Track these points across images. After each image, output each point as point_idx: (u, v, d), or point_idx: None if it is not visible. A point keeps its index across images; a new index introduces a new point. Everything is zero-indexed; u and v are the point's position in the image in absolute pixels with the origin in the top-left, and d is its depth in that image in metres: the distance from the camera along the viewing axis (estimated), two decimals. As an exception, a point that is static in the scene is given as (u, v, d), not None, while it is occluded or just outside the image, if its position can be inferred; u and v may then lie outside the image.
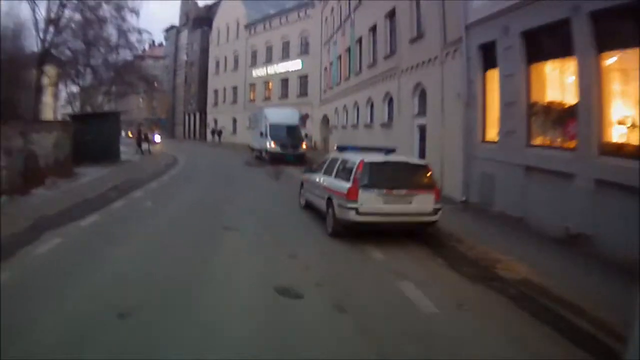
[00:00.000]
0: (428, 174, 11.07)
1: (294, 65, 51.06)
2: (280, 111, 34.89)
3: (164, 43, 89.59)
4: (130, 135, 59.37)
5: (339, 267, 8.91)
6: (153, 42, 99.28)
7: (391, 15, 23.44)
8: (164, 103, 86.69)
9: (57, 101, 49.30)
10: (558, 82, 11.68)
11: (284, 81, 52.99)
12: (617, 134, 9.46)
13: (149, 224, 11.89)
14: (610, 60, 9.51)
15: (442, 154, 17.16)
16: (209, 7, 74.57)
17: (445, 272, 8.82)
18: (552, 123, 11.60)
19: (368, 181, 10.45)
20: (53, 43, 35.77)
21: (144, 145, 38.46)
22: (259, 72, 57.64)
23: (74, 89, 45.45)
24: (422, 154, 19.70)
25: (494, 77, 14.11)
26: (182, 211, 13.85)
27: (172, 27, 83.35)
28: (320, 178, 12.65)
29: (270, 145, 30.30)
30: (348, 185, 10.63)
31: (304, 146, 30.69)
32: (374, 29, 26.62)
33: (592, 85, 9.66)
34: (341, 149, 12.97)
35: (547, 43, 11.63)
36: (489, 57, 14.24)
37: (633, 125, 8.89)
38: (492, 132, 14.44)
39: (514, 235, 11.15)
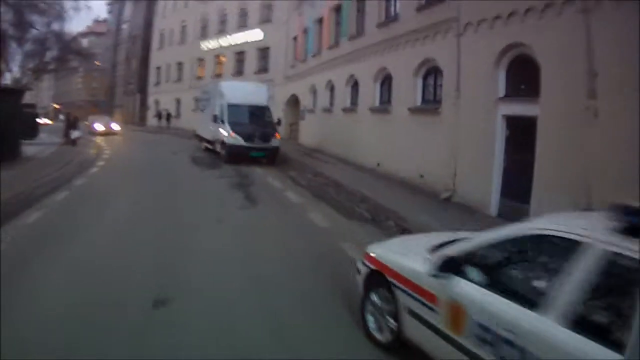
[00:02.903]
0: None
1: (253, 35, 39.97)
2: (242, 86, 23.96)
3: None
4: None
5: None
6: (99, 18, 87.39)
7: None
8: (105, 83, 74.80)
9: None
10: None
11: (240, 55, 41.97)
12: None
13: None
14: None
15: (588, 179, 8.03)
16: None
17: None
18: None
19: None
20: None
21: (74, 133, 28.12)
22: (209, 44, 46.16)
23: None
24: (515, 171, 10.50)
25: None
26: None
27: (116, -2, 70.90)
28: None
29: (229, 135, 19.73)
30: None
31: (277, 137, 20.51)
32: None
33: None
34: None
35: None
36: None
37: None
38: None
39: None
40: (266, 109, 21.65)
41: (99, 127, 38.27)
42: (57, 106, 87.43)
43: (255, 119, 20.68)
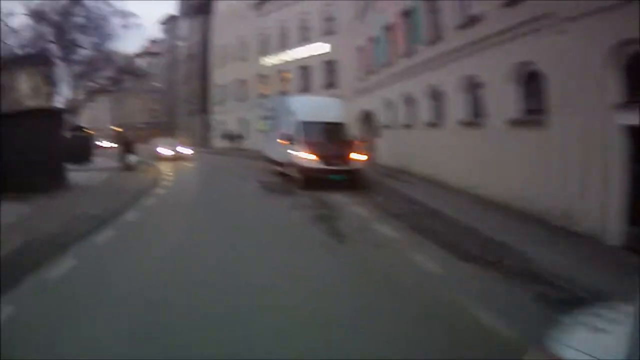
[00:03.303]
0: None
1: (317, 48, 40.11)
2: (313, 101, 23.34)
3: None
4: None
5: None
6: (153, 39, 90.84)
7: None
8: (165, 104, 77.21)
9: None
10: None
11: (305, 69, 42.12)
12: None
13: None
14: None
15: None
16: (211, -9, 63.98)
17: None
18: None
19: None
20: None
21: (130, 158, 27.82)
22: (272, 60, 46.76)
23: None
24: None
25: None
26: None
27: (170, 17, 73.25)
28: None
29: (304, 156, 18.61)
30: None
31: (358, 157, 19.00)
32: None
33: None
34: None
35: None
36: None
37: None
38: None
39: None
40: (343, 125, 20.69)
41: (164, 151, 36.82)
42: (117, 129, 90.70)
43: (331, 137, 19.63)
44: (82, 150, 29.30)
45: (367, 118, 29.57)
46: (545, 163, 11.94)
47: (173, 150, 37.16)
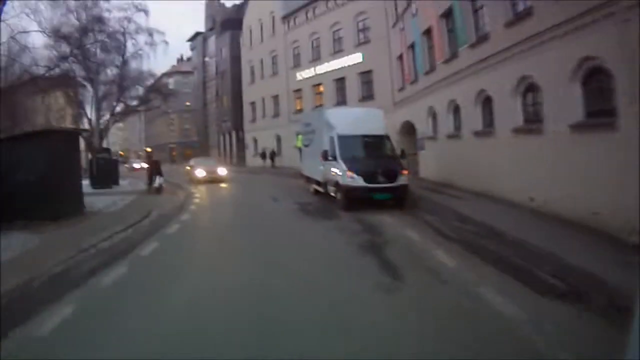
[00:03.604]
0: None
1: (352, 59, 39.29)
2: (352, 113, 22.02)
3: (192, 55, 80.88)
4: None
5: None
6: (182, 57, 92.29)
7: None
8: (197, 123, 77.74)
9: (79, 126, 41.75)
10: None
11: (339, 82, 41.26)
12: None
13: None
14: None
15: None
16: (238, 7, 64.15)
17: None
18: None
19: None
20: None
21: (157, 180, 26.83)
22: (304, 73, 46.18)
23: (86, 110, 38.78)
24: None
25: None
26: None
27: (198, 34, 73.74)
28: None
29: (345, 174, 17.37)
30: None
31: (403, 172, 17.76)
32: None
33: None
34: None
35: None
36: None
37: None
38: None
39: None
40: (385, 138, 19.49)
41: (202, 173, 33.39)
42: (149, 149, 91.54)
43: (374, 152, 18.73)
44: (107, 173, 29.23)
45: (408, 130, 28.57)
46: (616, 171, 10.72)
47: (211, 172, 34.03)
